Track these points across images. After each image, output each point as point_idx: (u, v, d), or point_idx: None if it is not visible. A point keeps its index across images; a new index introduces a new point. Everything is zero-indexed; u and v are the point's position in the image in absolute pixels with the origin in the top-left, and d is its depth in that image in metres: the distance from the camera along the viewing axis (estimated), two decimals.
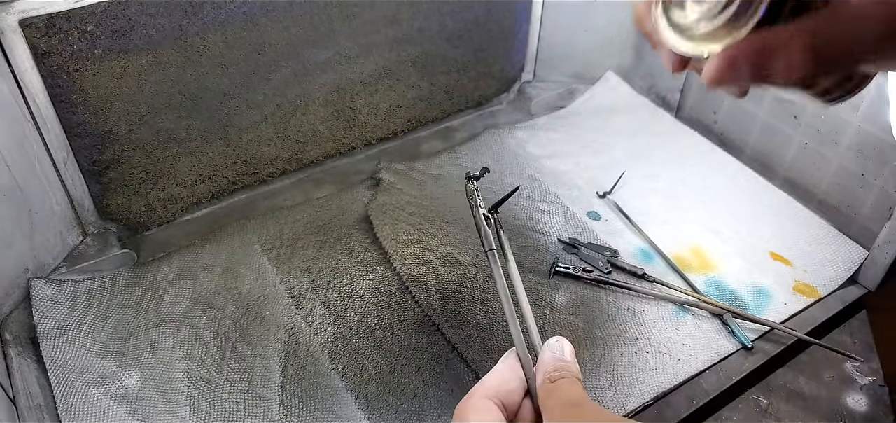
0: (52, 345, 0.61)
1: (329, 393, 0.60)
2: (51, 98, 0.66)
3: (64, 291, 0.66)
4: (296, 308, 0.67)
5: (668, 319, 0.67)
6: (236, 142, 0.80)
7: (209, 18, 0.70)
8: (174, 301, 0.67)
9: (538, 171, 0.86)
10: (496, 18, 0.92)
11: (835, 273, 0.72)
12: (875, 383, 0.62)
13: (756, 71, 0.27)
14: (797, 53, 0.26)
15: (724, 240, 0.76)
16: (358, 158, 0.90)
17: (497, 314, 0.66)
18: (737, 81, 0.28)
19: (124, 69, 0.68)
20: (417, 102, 0.93)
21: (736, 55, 0.27)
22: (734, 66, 0.27)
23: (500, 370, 0.39)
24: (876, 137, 0.73)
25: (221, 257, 0.72)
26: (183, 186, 0.79)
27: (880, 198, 0.74)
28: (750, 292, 0.69)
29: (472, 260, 0.70)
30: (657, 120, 0.95)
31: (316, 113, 0.84)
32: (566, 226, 0.77)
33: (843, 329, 0.68)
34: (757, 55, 0.27)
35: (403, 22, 0.84)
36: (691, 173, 0.86)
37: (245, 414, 0.57)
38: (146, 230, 0.78)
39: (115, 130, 0.71)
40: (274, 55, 0.76)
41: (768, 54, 0.26)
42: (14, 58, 0.62)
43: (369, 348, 0.63)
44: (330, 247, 0.73)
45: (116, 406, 0.57)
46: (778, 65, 0.26)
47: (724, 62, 0.27)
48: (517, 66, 1.01)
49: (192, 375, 0.60)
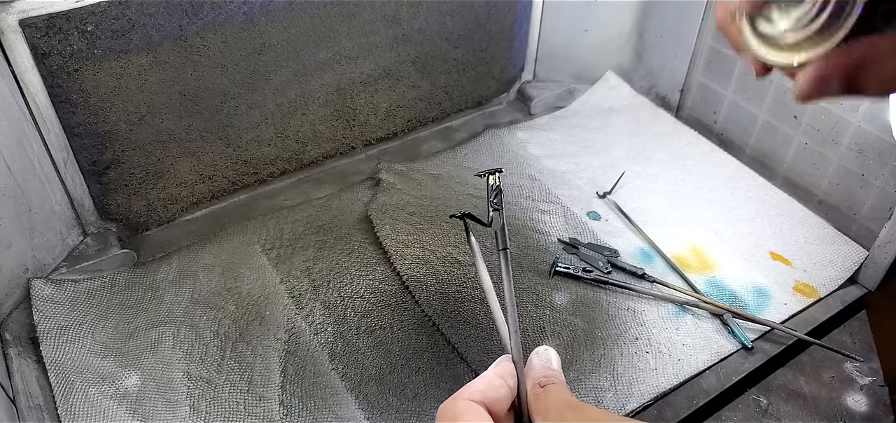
0: (52, 345, 0.61)
1: (329, 393, 0.60)
2: (51, 98, 0.66)
3: (64, 291, 0.66)
4: (296, 308, 0.67)
5: (668, 319, 0.67)
6: (236, 142, 0.80)
7: (209, 18, 0.70)
8: (174, 301, 0.67)
9: (538, 171, 0.86)
10: (496, 18, 0.92)
11: (835, 273, 0.72)
12: (875, 383, 0.62)
13: (848, 84, 0.26)
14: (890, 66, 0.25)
15: (724, 240, 0.76)
16: (358, 159, 0.90)
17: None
18: (827, 94, 0.27)
19: (124, 69, 0.68)
20: (417, 102, 0.93)
21: (826, 72, 0.26)
22: (825, 81, 0.27)
23: (489, 375, 0.38)
24: (876, 137, 0.73)
25: (221, 257, 0.72)
26: (183, 186, 0.79)
27: (880, 198, 0.74)
28: (750, 292, 0.69)
29: (472, 260, 0.70)
30: (657, 120, 0.95)
31: (316, 113, 0.84)
32: (566, 226, 0.77)
33: (843, 329, 0.68)
34: (850, 69, 0.26)
35: (403, 22, 0.84)
36: (691, 173, 0.86)
37: (245, 414, 0.57)
38: (146, 230, 0.78)
39: (115, 130, 0.71)
40: (274, 55, 0.76)
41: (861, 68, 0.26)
42: (14, 58, 0.62)
43: (369, 348, 0.63)
44: (330, 247, 0.73)
45: (116, 406, 0.57)
46: (871, 79, 0.26)
47: (815, 79, 0.27)
48: (517, 66, 1.01)
49: (192, 375, 0.60)
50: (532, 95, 1.00)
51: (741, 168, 0.86)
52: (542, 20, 0.99)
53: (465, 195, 0.80)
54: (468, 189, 0.81)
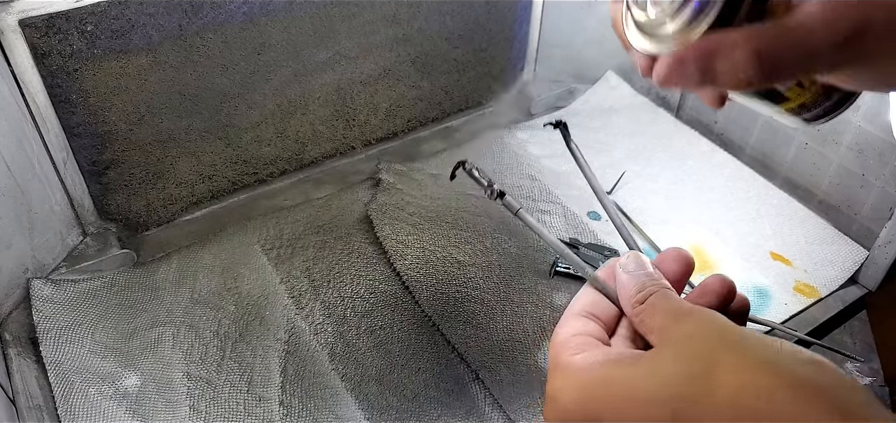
0: (51, 345, 0.61)
1: (329, 393, 0.60)
2: (50, 98, 0.66)
3: (63, 291, 0.66)
4: (296, 308, 0.67)
5: None
6: (236, 142, 0.80)
7: (209, 18, 0.70)
8: (174, 301, 0.67)
9: (538, 171, 0.86)
10: (496, 18, 0.92)
11: (835, 273, 0.72)
12: (875, 383, 0.62)
13: (703, 72, 0.27)
14: (741, 56, 0.26)
15: (725, 240, 0.76)
16: (358, 158, 0.90)
17: (497, 314, 0.66)
18: (684, 81, 0.28)
19: (124, 69, 0.68)
20: (417, 102, 0.93)
21: (683, 55, 0.28)
22: (681, 64, 0.28)
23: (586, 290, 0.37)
24: (876, 137, 0.73)
25: (221, 257, 0.72)
26: (183, 186, 0.78)
27: (881, 198, 0.73)
28: (750, 292, 0.69)
29: (473, 260, 0.70)
30: (657, 120, 0.95)
31: (316, 113, 0.84)
32: (566, 226, 0.77)
33: (843, 330, 0.68)
34: (703, 55, 0.27)
35: (403, 22, 0.84)
36: (691, 173, 0.86)
37: (245, 414, 0.57)
38: (146, 230, 0.78)
39: (115, 130, 0.70)
40: (274, 55, 0.76)
41: (714, 55, 0.27)
42: (14, 58, 0.62)
43: (369, 348, 0.63)
44: (330, 247, 0.73)
45: (116, 406, 0.57)
46: (723, 66, 0.27)
47: (673, 61, 0.28)
48: (517, 66, 1.01)
49: (191, 375, 0.60)
50: (532, 94, 1.00)
51: (741, 168, 0.85)
52: (542, 20, 0.99)
53: (466, 195, 0.80)
54: (468, 189, 0.81)
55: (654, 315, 0.32)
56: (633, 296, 0.34)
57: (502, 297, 0.67)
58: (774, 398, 0.26)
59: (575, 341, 0.33)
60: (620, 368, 0.31)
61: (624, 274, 0.35)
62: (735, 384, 0.27)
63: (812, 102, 0.31)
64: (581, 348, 0.33)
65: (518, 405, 0.59)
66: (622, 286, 0.35)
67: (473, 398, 0.60)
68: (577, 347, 0.33)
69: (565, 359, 0.32)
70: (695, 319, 0.30)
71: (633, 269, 0.35)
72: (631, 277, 0.35)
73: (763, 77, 0.26)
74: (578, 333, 0.34)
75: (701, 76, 0.27)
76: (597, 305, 0.36)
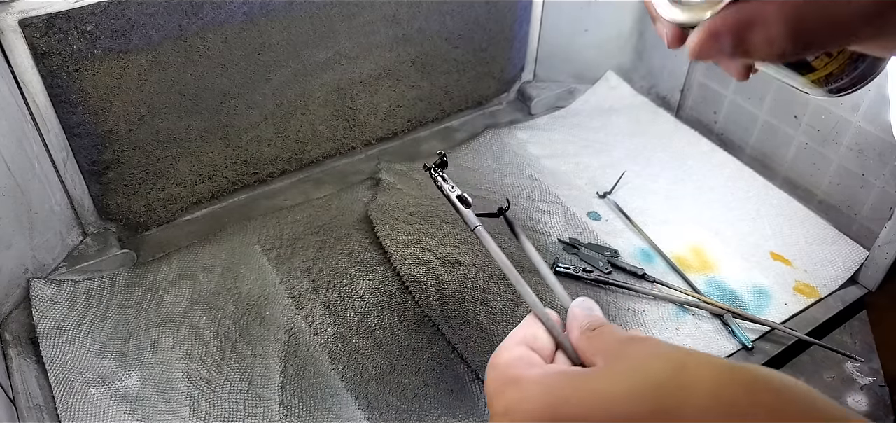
0: (51, 345, 0.61)
1: (329, 394, 0.60)
2: (50, 98, 0.66)
3: (63, 291, 0.66)
4: (296, 309, 0.67)
5: (669, 319, 0.67)
6: (236, 142, 0.80)
7: (209, 18, 0.70)
8: (174, 301, 0.67)
9: (538, 171, 0.86)
10: (496, 18, 0.92)
11: (835, 273, 0.72)
12: (876, 383, 0.62)
13: (736, 42, 0.27)
14: (775, 26, 0.26)
15: (725, 240, 0.76)
16: (358, 158, 0.90)
17: (497, 315, 0.66)
18: (718, 53, 0.28)
19: (124, 69, 0.68)
20: (417, 102, 0.93)
21: (717, 26, 0.27)
22: (715, 36, 0.28)
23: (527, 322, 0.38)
24: (876, 137, 0.73)
25: (221, 258, 0.72)
26: (183, 186, 0.78)
27: (881, 198, 0.73)
28: (750, 292, 0.69)
29: (473, 260, 0.70)
30: (657, 120, 0.95)
31: (316, 113, 0.84)
32: (566, 226, 0.77)
33: (843, 330, 0.68)
34: (737, 27, 0.27)
35: (403, 22, 0.84)
36: (691, 173, 0.86)
37: (245, 414, 0.57)
38: (146, 230, 0.78)
39: (115, 130, 0.70)
40: (273, 55, 0.76)
41: (748, 25, 0.27)
42: (14, 58, 0.62)
43: (369, 348, 0.63)
44: (330, 247, 0.73)
45: (116, 407, 0.57)
46: (757, 37, 0.27)
47: (706, 33, 0.28)
48: (517, 66, 1.01)
49: (191, 375, 0.60)
50: (532, 94, 1.00)
51: (741, 168, 0.85)
52: (542, 20, 0.99)
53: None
54: (468, 189, 0.81)
55: (602, 339, 0.34)
56: (584, 323, 0.36)
57: (502, 297, 0.67)
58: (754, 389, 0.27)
59: (521, 360, 0.34)
60: (584, 375, 0.32)
61: (576, 308, 0.37)
62: (711, 377, 0.28)
63: (839, 71, 0.31)
64: (531, 364, 0.34)
65: None
66: (573, 317, 0.37)
67: (473, 398, 0.60)
68: (526, 364, 0.34)
69: (517, 373, 0.33)
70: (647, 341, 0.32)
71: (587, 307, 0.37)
72: (582, 310, 0.37)
73: (796, 48, 0.26)
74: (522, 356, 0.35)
75: (734, 48, 0.27)
76: (536, 338, 0.37)
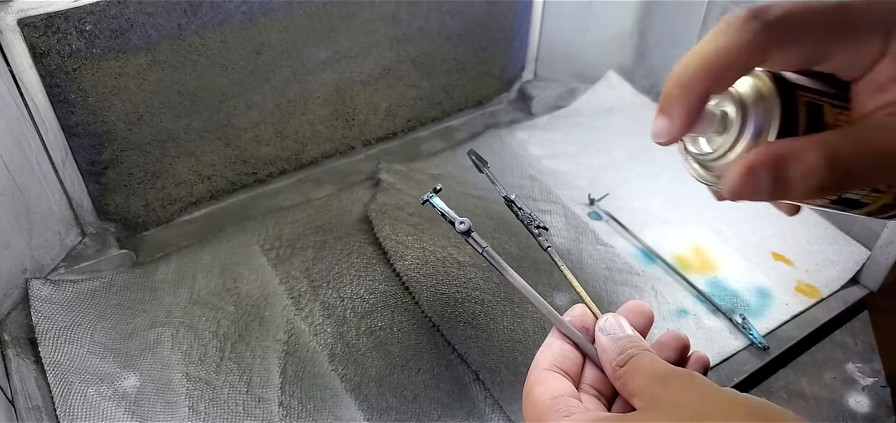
0: (50, 346, 0.61)
1: (329, 394, 0.59)
2: (49, 98, 0.65)
3: (62, 291, 0.66)
4: (295, 309, 0.66)
5: (670, 319, 0.66)
6: (235, 142, 0.79)
7: (208, 18, 0.70)
8: (173, 302, 0.67)
9: (539, 171, 0.85)
10: (496, 18, 0.92)
11: (837, 274, 0.72)
12: (877, 383, 0.62)
13: (774, 179, 0.27)
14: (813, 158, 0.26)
15: (726, 240, 0.76)
16: (357, 158, 0.90)
17: (497, 315, 0.65)
18: (757, 191, 0.27)
19: (123, 69, 0.67)
20: (417, 101, 0.92)
21: (754, 161, 0.27)
22: (753, 174, 0.27)
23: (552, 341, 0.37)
24: None
25: (220, 258, 0.72)
26: (182, 186, 0.78)
27: None
28: (751, 292, 0.69)
29: (473, 261, 0.70)
30: None
31: (315, 113, 0.84)
32: (567, 226, 0.77)
33: (844, 330, 0.68)
34: (774, 161, 0.27)
35: (403, 21, 0.84)
36: None
37: (244, 415, 0.57)
38: (145, 230, 0.78)
39: (114, 130, 0.70)
40: (273, 55, 0.76)
41: (785, 159, 0.26)
42: (12, 57, 0.62)
43: (369, 349, 0.63)
44: (329, 247, 0.73)
45: (115, 407, 0.57)
46: (795, 171, 0.26)
47: (744, 170, 0.27)
48: (517, 66, 1.01)
49: (190, 376, 0.60)
50: (533, 94, 1.00)
51: None
52: (542, 19, 0.99)
53: (466, 195, 0.80)
54: (468, 189, 0.81)
55: (636, 378, 0.33)
56: (614, 359, 0.35)
57: (502, 297, 0.67)
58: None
59: (557, 404, 0.34)
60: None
61: (603, 337, 0.36)
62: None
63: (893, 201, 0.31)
64: (567, 410, 0.33)
65: (518, 405, 0.58)
66: (603, 350, 0.36)
67: (474, 399, 0.60)
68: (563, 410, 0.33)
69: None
70: (678, 382, 0.31)
71: (613, 330, 0.36)
72: (611, 340, 0.36)
73: (837, 182, 0.26)
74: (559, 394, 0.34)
75: (773, 184, 0.27)
76: (566, 358, 0.36)
